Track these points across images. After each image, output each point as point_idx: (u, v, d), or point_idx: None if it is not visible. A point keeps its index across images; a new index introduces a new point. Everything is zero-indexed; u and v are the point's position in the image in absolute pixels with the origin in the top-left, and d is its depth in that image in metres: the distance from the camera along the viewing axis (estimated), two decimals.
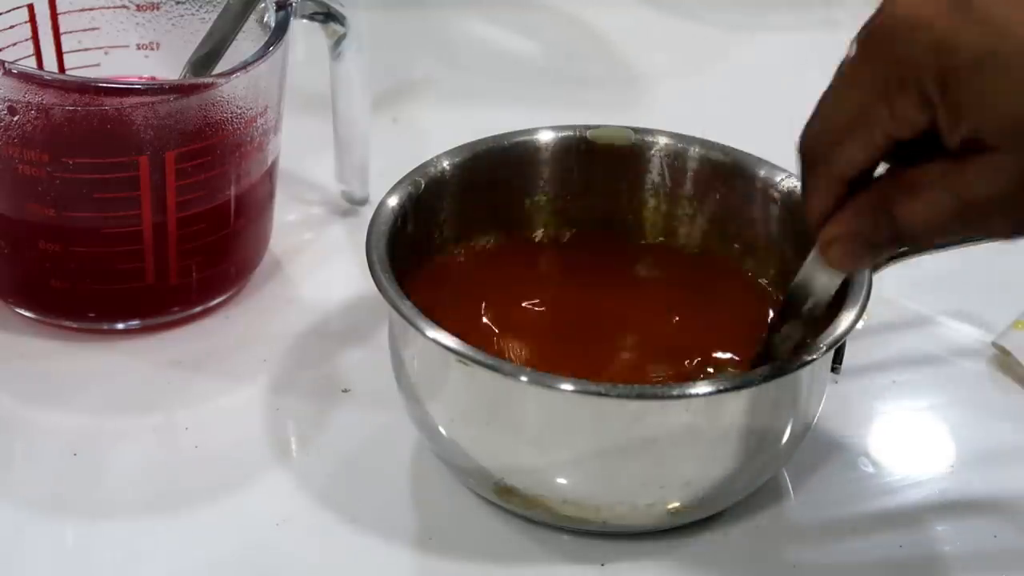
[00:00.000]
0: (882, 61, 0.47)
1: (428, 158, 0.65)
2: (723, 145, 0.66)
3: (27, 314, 0.69)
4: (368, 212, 0.63)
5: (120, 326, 0.68)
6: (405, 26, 0.93)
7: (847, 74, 0.48)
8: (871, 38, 0.47)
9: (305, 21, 0.69)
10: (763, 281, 0.65)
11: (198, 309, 0.69)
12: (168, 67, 0.71)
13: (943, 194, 0.47)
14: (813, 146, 0.50)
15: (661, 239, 0.67)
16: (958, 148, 0.46)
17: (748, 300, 0.65)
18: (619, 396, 0.54)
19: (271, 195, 0.71)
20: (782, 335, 0.57)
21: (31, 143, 0.63)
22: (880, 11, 0.47)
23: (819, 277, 0.54)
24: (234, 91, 0.65)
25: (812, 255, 0.54)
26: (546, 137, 0.66)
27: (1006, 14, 0.44)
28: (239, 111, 0.65)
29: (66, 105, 0.62)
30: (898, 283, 0.69)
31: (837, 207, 0.50)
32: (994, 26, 0.44)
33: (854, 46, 0.48)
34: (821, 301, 0.55)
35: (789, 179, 0.64)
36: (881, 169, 0.50)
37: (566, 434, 0.56)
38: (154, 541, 0.59)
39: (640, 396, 0.55)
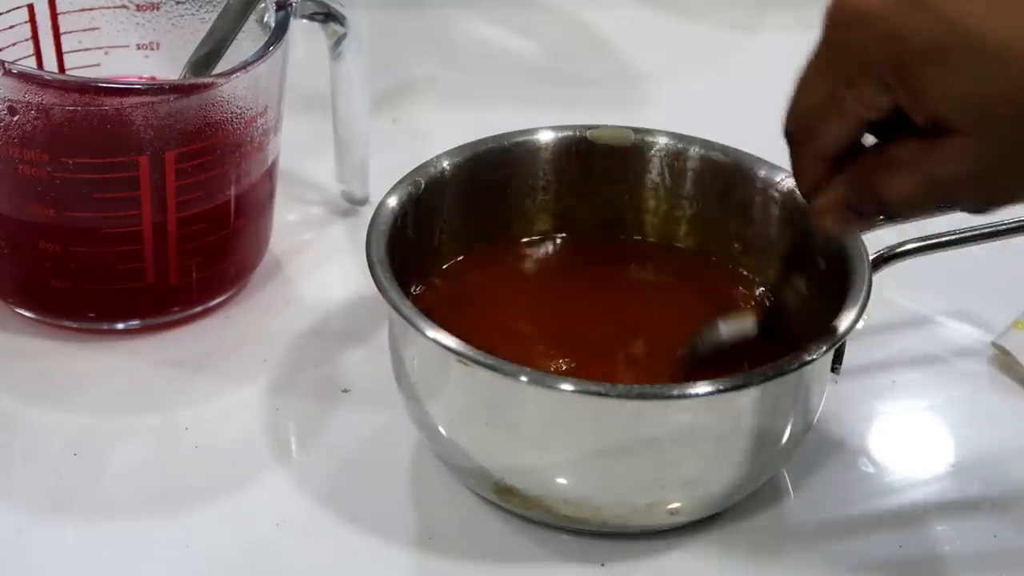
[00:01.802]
0: (841, 50, 0.49)
1: (428, 158, 0.65)
2: (723, 145, 0.66)
3: (27, 314, 0.69)
4: (368, 212, 0.63)
5: (120, 326, 0.68)
6: (405, 26, 0.94)
7: (814, 60, 0.50)
8: (829, 27, 0.49)
9: (305, 21, 0.69)
10: (763, 280, 0.65)
11: (198, 309, 0.69)
12: (168, 67, 0.71)
13: (915, 172, 0.49)
14: (794, 129, 0.52)
15: (661, 239, 0.67)
16: (927, 128, 0.48)
17: (749, 300, 0.65)
18: (619, 396, 0.54)
19: (271, 195, 0.71)
20: (705, 340, 0.58)
21: (31, 143, 0.63)
22: (833, 3, 0.49)
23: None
24: (234, 91, 0.65)
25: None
26: (546, 137, 0.66)
27: (954, 4, 0.46)
28: (239, 111, 0.65)
29: (66, 105, 0.62)
30: (898, 283, 0.69)
31: (825, 179, 0.53)
32: (942, 16, 0.46)
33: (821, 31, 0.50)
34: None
35: (789, 179, 0.64)
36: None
37: (566, 434, 0.56)
38: (154, 541, 0.59)
39: (640, 396, 0.55)
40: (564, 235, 0.67)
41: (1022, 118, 0.46)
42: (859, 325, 0.57)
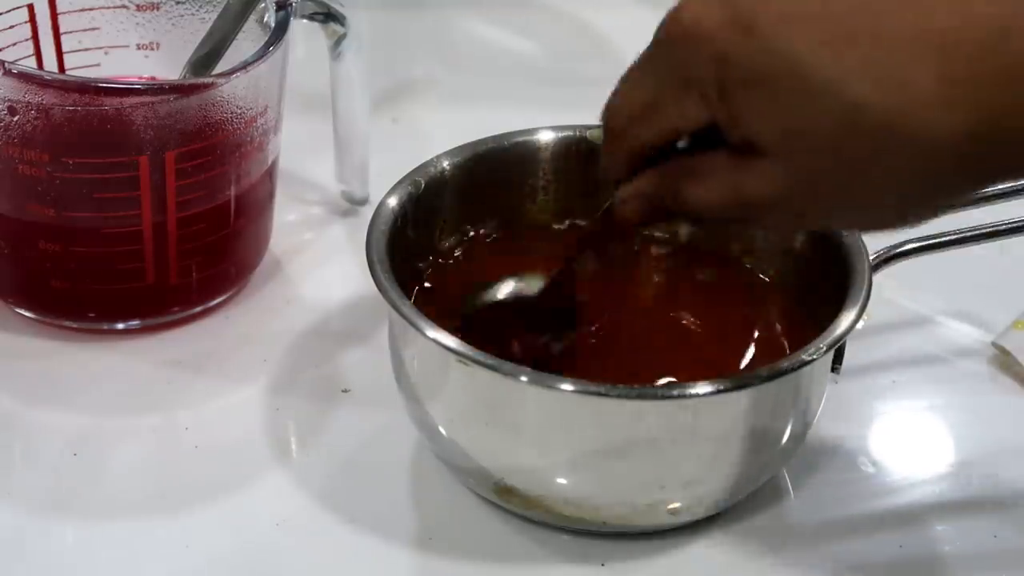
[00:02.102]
0: (668, 64, 0.50)
1: (428, 158, 0.65)
2: None
3: (27, 314, 0.69)
4: (368, 212, 0.63)
5: (120, 326, 0.68)
6: (405, 26, 0.94)
7: (640, 66, 0.51)
8: (661, 40, 0.50)
9: (305, 21, 0.69)
10: (764, 279, 0.65)
11: (198, 309, 0.69)
12: (168, 67, 0.71)
13: (722, 184, 0.50)
14: (610, 121, 0.53)
15: (661, 239, 0.67)
16: (740, 147, 0.49)
17: (748, 298, 0.65)
18: (619, 396, 0.54)
19: (271, 195, 0.71)
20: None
21: (31, 143, 0.63)
22: (669, 16, 0.49)
23: None
24: (234, 91, 0.65)
25: None
26: (546, 137, 0.66)
27: (783, 34, 0.46)
28: (239, 111, 0.65)
29: (66, 105, 0.62)
30: (898, 283, 0.69)
31: (632, 173, 0.53)
32: (770, 44, 0.46)
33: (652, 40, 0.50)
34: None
35: None
36: None
37: (566, 434, 0.56)
38: (154, 541, 0.59)
39: (640, 396, 0.55)
40: (564, 235, 0.67)
41: (832, 151, 0.46)
42: (859, 325, 0.57)
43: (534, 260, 0.66)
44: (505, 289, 0.64)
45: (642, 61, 0.51)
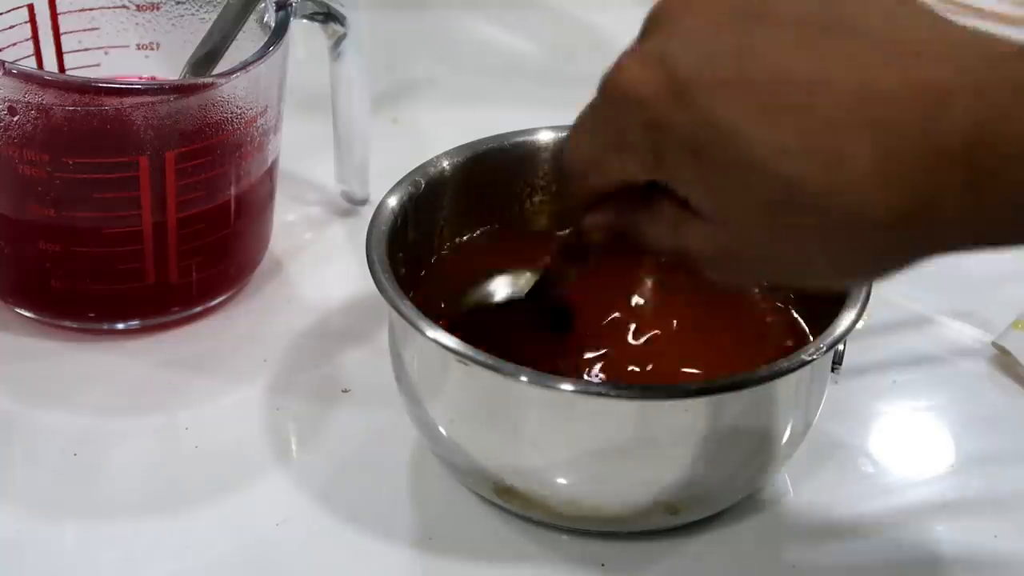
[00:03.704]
0: (607, 124, 0.49)
1: (428, 158, 0.65)
2: None
3: (27, 314, 0.69)
4: (368, 212, 0.63)
5: (120, 326, 0.68)
6: (405, 26, 0.94)
7: (587, 119, 0.51)
8: (601, 98, 0.49)
9: (305, 21, 0.69)
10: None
11: (198, 309, 0.69)
12: (168, 67, 0.71)
13: (667, 232, 0.50)
14: (565, 165, 0.52)
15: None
16: (683, 201, 0.49)
17: (748, 297, 0.65)
18: (619, 396, 0.54)
19: (271, 195, 0.71)
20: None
21: (31, 143, 0.63)
22: (609, 73, 0.49)
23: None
24: (234, 91, 0.65)
25: None
26: (546, 137, 0.66)
27: (718, 102, 0.45)
28: (239, 111, 0.65)
29: (66, 105, 0.62)
30: (898, 283, 0.69)
31: (593, 203, 0.53)
32: (705, 115, 0.46)
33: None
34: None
35: None
36: None
37: (566, 434, 0.56)
38: (154, 541, 0.59)
39: (640, 396, 0.55)
40: (564, 235, 0.67)
41: (766, 222, 0.46)
42: (859, 325, 0.57)
43: (534, 260, 0.66)
44: (497, 289, 0.64)
45: (588, 112, 0.51)
